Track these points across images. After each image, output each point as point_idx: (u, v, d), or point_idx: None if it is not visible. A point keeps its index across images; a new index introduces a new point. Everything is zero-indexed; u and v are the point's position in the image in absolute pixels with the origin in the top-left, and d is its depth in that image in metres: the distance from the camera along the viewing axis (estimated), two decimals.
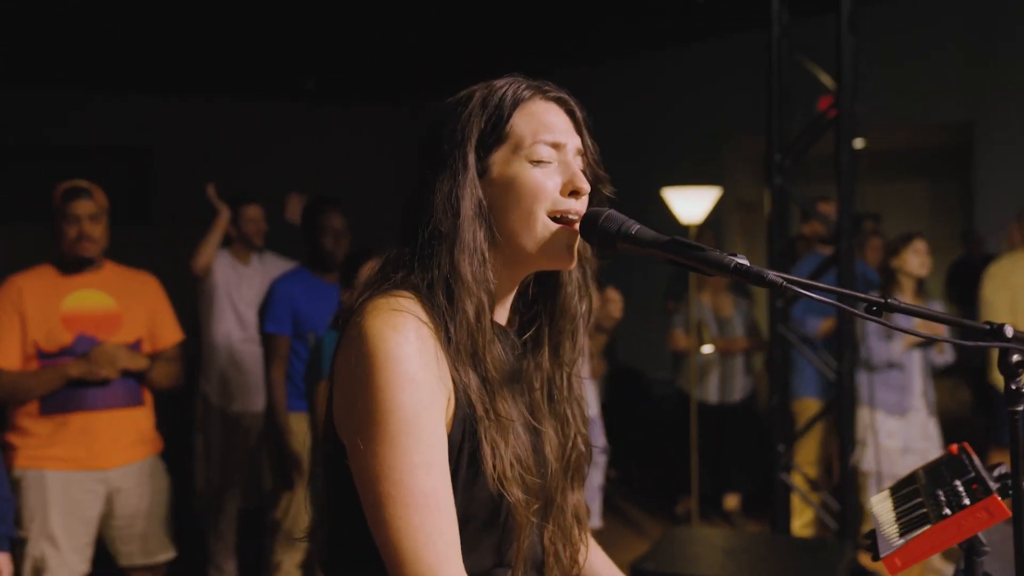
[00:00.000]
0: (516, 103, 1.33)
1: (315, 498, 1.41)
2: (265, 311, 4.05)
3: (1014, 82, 8.06)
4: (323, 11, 7.99)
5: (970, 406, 8.07)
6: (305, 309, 3.93)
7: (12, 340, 3.28)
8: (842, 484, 4.36)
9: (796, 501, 4.80)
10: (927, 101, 8.61)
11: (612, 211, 1.32)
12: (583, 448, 1.45)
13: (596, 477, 4.38)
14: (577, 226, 1.33)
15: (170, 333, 3.63)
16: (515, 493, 1.27)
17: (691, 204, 5.43)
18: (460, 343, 1.26)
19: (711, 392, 6.03)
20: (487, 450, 1.26)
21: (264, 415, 4.27)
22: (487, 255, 1.30)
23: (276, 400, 3.91)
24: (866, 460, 4.73)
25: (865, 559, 4.78)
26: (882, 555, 1.60)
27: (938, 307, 5.13)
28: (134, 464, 3.47)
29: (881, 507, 1.80)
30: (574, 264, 1.36)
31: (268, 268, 4.90)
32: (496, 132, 1.32)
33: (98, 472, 3.37)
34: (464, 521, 1.25)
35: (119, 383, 3.40)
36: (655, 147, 9.45)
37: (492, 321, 1.33)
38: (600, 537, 5.89)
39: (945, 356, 5.01)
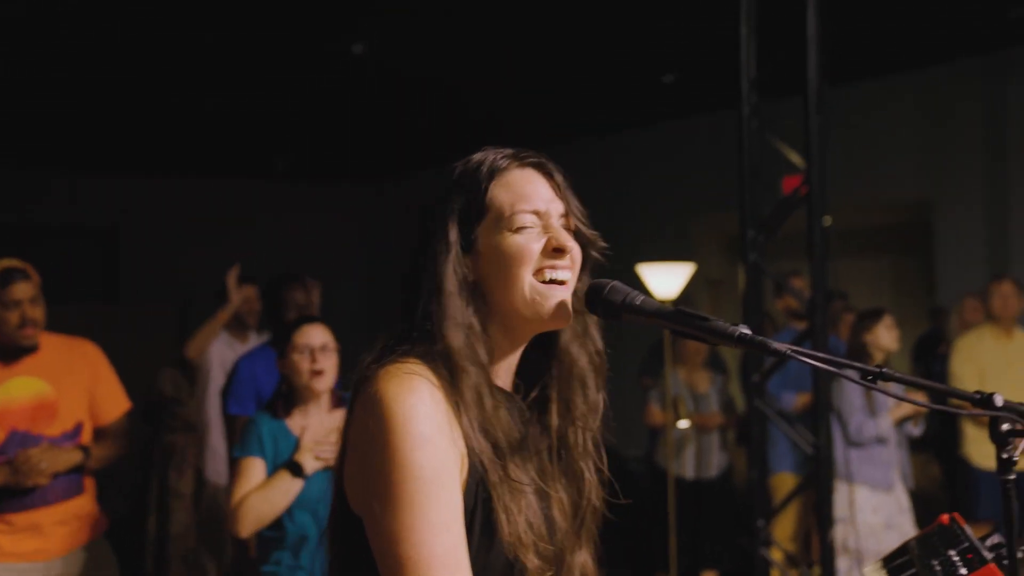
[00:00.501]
0: (493, 174, 1.36)
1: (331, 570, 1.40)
2: (228, 391, 3.97)
3: (967, 161, 8.30)
4: (293, 91, 8.10)
5: (939, 482, 8.11)
6: (268, 387, 3.84)
7: None
8: (822, 559, 4.34)
9: None
10: (888, 180, 8.83)
11: (616, 282, 1.34)
12: (597, 503, 1.46)
13: None
14: (567, 288, 1.35)
15: (114, 406, 3.46)
16: (531, 560, 1.28)
17: (665, 280, 5.50)
18: (467, 413, 1.28)
19: (687, 468, 6.01)
20: (502, 516, 1.27)
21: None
22: (477, 328, 1.32)
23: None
24: (846, 536, 4.73)
25: None
26: None
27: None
28: (79, 549, 3.34)
29: None
30: (569, 321, 1.37)
31: None
32: (476, 206, 1.35)
33: (40, 563, 3.25)
34: None
35: (61, 481, 3.25)
36: (627, 224, 9.55)
37: (496, 388, 1.35)
38: None
39: (919, 429, 5.07)
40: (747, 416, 4.51)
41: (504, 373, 1.40)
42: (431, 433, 1.22)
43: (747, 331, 1.26)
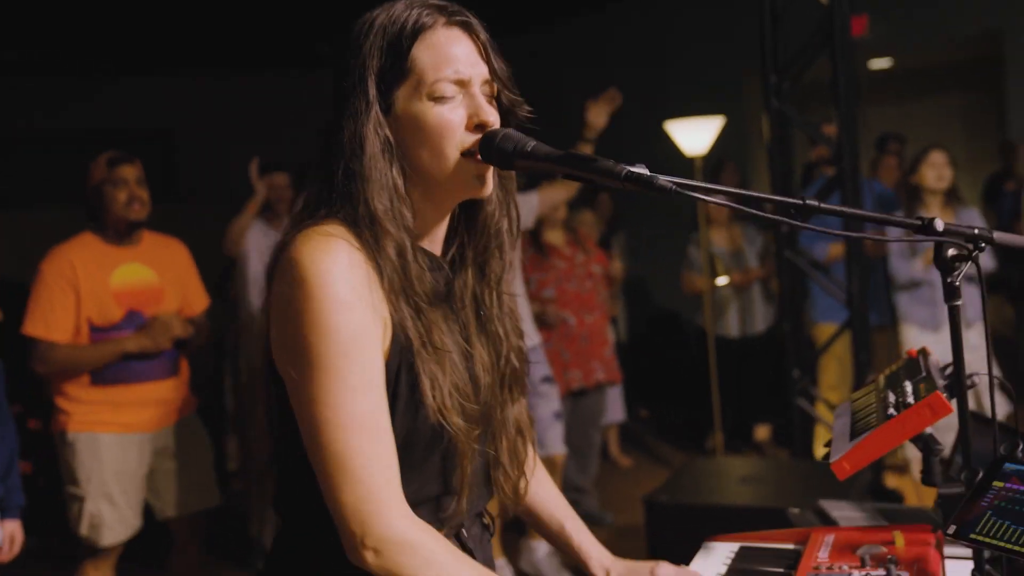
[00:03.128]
0: (416, 33, 1.28)
1: (266, 438, 1.43)
2: None
3: None
4: None
5: (1012, 324, 7.93)
6: None
7: (67, 315, 3.36)
8: None
9: (821, 428, 4.78)
10: (954, 14, 8.38)
11: (509, 130, 1.29)
12: (516, 364, 1.44)
13: (548, 406, 4.35)
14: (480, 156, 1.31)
15: (200, 299, 3.77)
16: (456, 422, 1.27)
17: (694, 136, 5.35)
18: (389, 278, 1.26)
19: (732, 326, 6.00)
20: (426, 382, 1.26)
21: None
22: (402, 190, 1.28)
23: None
24: None
25: (891, 478, 4.77)
26: (832, 460, 1.61)
27: (976, 216, 4.94)
28: (176, 424, 3.63)
29: (841, 414, 1.81)
30: (487, 191, 1.34)
31: None
32: (397, 66, 1.28)
33: (145, 434, 3.52)
34: (406, 447, 1.26)
35: (162, 357, 3.52)
36: (670, 85, 9.32)
37: (422, 251, 1.33)
38: (630, 476, 5.93)
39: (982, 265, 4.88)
40: (777, 267, 4.44)
41: (432, 237, 1.38)
42: (349, 296, 1.20)
43: (639, 170, 1.22)
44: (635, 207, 7.60)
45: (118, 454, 3.45)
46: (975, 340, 4.81)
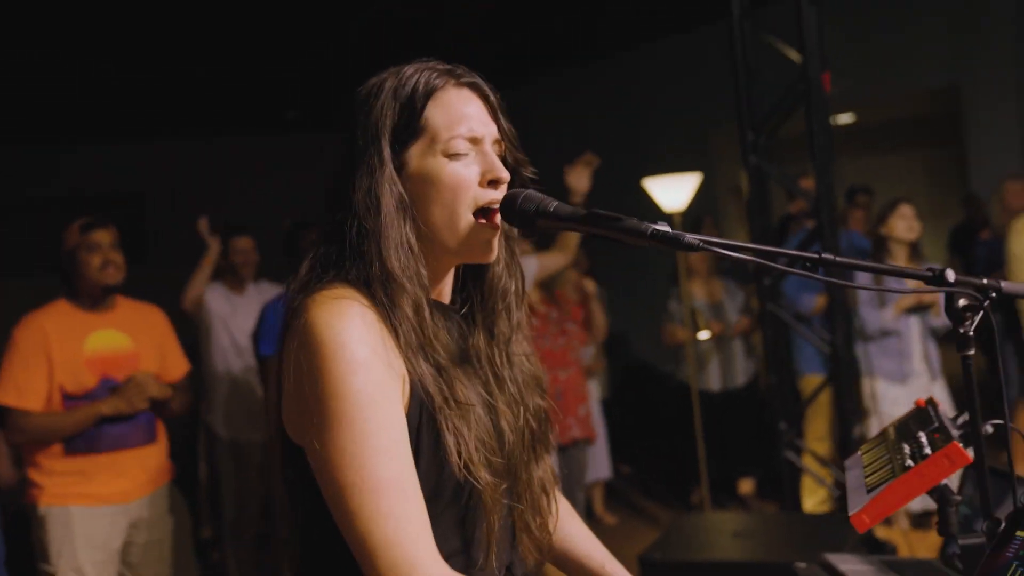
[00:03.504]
0: (429, 94, 1.30)
1: (283, 506, 1.41)
2: (259, 335, 4.04)
3: (997, 43, 8.03)
4: (296, 44, 8.04)
5: (982, 371, 8.03)
6: None
7: (40, 382, 3.30)
8: (846, 454, 4.33)
9: (808, 481, 4.78)
10: (913, 70, 8.58)
11: (530, 191, 1.30)
12: (536, 425, 1.43)
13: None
14: (497, 219, 1.32)
15: (179, 364, 3.71)
16: (484, 477, 1.26)
17: (672, 192, 5.42)
18: (405, 336, 1.24)
19: (712, 380, 6.02)
20: (450, 439, 1.24)
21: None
22: (415, 247, 1.28)
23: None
24: (872, 430, 4.70)
25: (880, 530, 4.76)
26: (851, 513, 1.60)
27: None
28: (152, 494, 3.55)
29: (853, 466, 1.80)
30: (493, 256, 1.34)
31: (264, 295, 4.92)
32: (410, 126, 1.29)
33: (120, 506, 3.43)
34: (429, 503, 1.23)
35: (138, 422, 3.45)
36: (643, 142, 9.45)
37: (437, 305, 1.32)
38: (615, 532, 5.87)
39: (940, 319, 4.96)
40: (760, 320, 4.47)
41: (441, 288, 1.38)
42: (366, 356, 1.19)
43: (663, 228, 1.23)
44: (609, 260, 7.65)
45: (90, 527, 3.35)
46: (939, 394, 4.86)
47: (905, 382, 4.76)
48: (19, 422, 3.30)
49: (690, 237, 1.21)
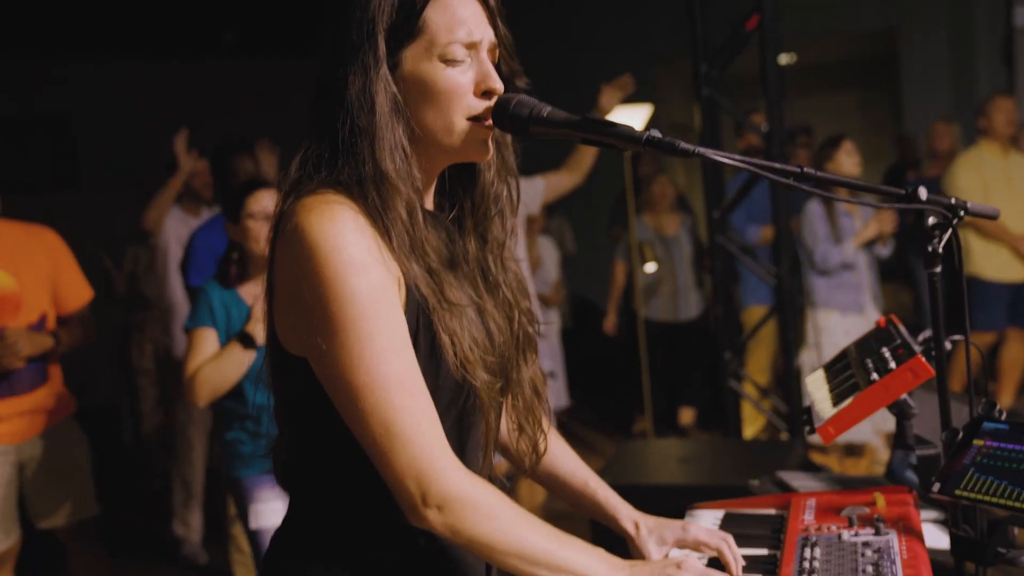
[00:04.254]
0: None
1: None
2: (187, 264, 3.91)
3: None
4: None
5: (909, 308, 8.27)
6: None
7: None
8: (788, 386, 4.45)
9: (749, 409, 4.90)
10: (851, 12, 8.68)
11: (523, 96, 1.29)
12: (528, 327, 1.44)
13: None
14: (490, 122, 1.30)
15: (76, 294, 3.43)
16: (480, 375, 1.27)
17: (625, 119, 5.42)
18: (398, 238, 1.23)
19: (662, 311, 6.09)
20: (446, 339, 1.25)
21: None
22: (409, 150, 1.26)
23: None
24: (812, 362, 4.81)
25: (816, 456, 4.92)
26: (816, 427, 1.65)
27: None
28: (45, 432, 3.37)
29: (815, 384, 1.86)
30: (490, 156, 1.34)
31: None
32: (408, 26, 1.26)
33: (11, 446, 3.29)
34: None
35: (26, 371, 3.25)
36: (589, 73, 9.41)
37: (425, 210, 1.31)
38: None
39: (887, 249, 5.06)
40: (710, 252, 4.54)
41: (427, 194, 1.36)
42: (362, 258, 1.17)
43: (656, 134, 1.24)
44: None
45: None
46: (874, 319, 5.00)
47: (862, 312, 4.86)
48: None
49: (684, 144, 1.23)
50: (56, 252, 3.39)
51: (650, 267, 5.88)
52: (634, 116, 5.49)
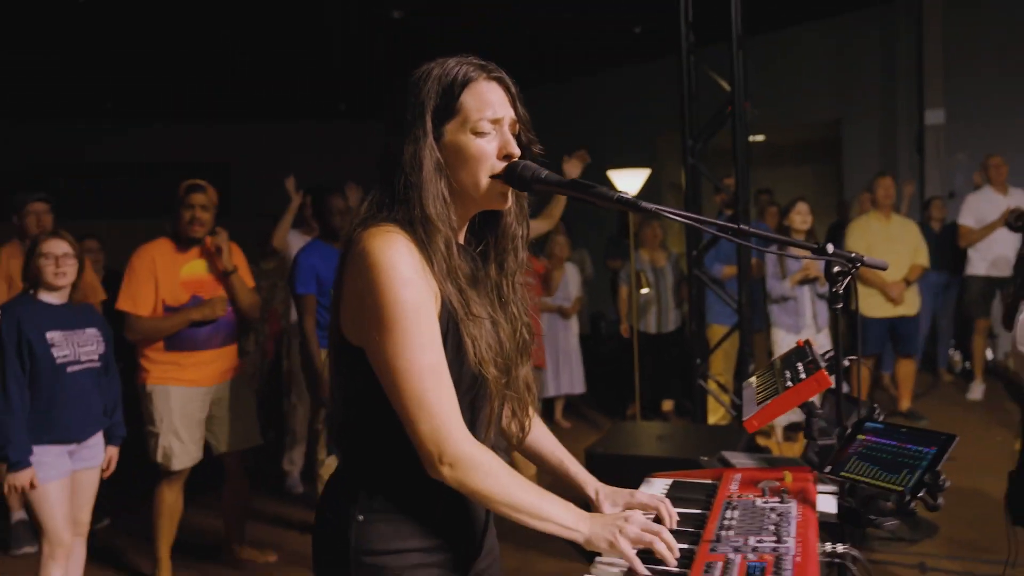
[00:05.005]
0: (465, 83, 1.28)
1: (333, 392, 1.38)
2: (293, 277, 3.96)
3: (868, 87, 8.09)
4: (350, 50, 7.96)
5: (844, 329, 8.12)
6: (324, 270, 3.75)
7: (148, 296, 3.35)
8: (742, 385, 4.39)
9: (712, 402, 4.84)
10: (808, 104, 8.62)
11: (528, 162, 1.30)
12: (527, 336, 1.44)
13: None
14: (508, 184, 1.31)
15: (248, 281, 3.70)
16: (491, 371, 1.28)
17: (629, 181, 5.43)
18: (438, 265, 1.25)
19: (650, 325, 6.05)
20: (468, 342, 1.26)
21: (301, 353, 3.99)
22: (448, 199, 1.28)
23: (311, 343, 3.70)
24: None
25: (760, 439, 4.85)
26: (744, 418, 1.64)
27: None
28: (226, 381, 3.58)
29: (749, 386, 1.84)
30: (508, 204, 1.34)
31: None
32: (448, 107, 1.28)
33: (204, 388, 3.49)
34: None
35: (223, 328, 3.50)
36: (608, 142, 9.44)
37: (458, 243, 1.32)
38: (567, 434, 5.89)
39: (824, 288, 5.00)
40: (687, 281, 4.50)
41: (462, 233, 1.38)
42: (411, 275, 1.19)
43: (625, 195, 1.25)
44: (584, 233, 7.69)
45: (182, 402, 3.43)
46: (823, 341, 4.94)
47: (799, 332, 4.80)
48: (134, 324, 3.35)
49: (645, 204, 1.23)
50: (238, 258, 3.66)
51: (645, 291, 5.85)
52: (635, 178, 5.47)
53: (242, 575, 3.73)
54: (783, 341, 4.81)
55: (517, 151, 1.31)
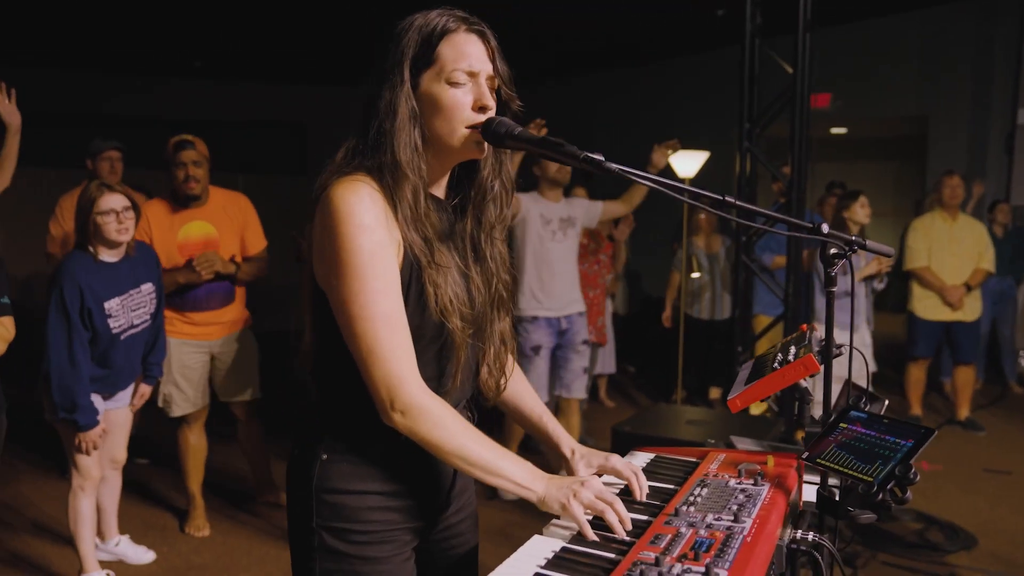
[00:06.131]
0: (444, 34, 1.27)
1: (308, 333, 1.40)
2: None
3: (957, 83, 7.65)
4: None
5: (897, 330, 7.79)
6: None
7: None
8: None
9: None
10: (894, 99, 8.21)
11: (503, 118, 1.28)
12: (503, 292, 1.42)
13: (581, 362, 4.18)
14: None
15: (256, 242, 3.60)
16: (454, 321, 1.27)
17: (686, 163, 5.31)
18: (403, 212, 1.25)
19: (703, 311, 5.93)
20: (430, 290, 1.26)
21: None
22: (420, 148, 1.27)
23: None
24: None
25: (800, 434, 4.70)
26: (728, 398, 1.60)
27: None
28: (228, 336, 3.60)
29: (744, 368, 1.79)
30: (484, 153, 1.32)
31: None
32: (426, 56, 1.27)
33: (205, 342, 3.53)
34: (415, 339, 1.25)
35: (220, 291, 3.46)
36: (670, 128, 9.22)
37: (430, 195, 1.31)
38: (609, 413, 5.84)
39: (882, 284, 4.81)
40: (735, 268, 4.38)
41: (438, 186, 1.37)
42: (370, 222, 1.19)
43: (596, 156, 1.22)
44: (640, 218, 7.57)
45: (184, 355, 3.47)
46: (867, 337, 4.74)
47: (844, 330, 4.62)
48: None
49: (610, 164, 1.20)
50: (246, 212, 3.59)
51: (696, 275, 5.72)
52: (694, 160, 5.34)
53: (272, 516, 3.86)
54: (836, 338, 4.62)
55: (492, 104, 1.30)
